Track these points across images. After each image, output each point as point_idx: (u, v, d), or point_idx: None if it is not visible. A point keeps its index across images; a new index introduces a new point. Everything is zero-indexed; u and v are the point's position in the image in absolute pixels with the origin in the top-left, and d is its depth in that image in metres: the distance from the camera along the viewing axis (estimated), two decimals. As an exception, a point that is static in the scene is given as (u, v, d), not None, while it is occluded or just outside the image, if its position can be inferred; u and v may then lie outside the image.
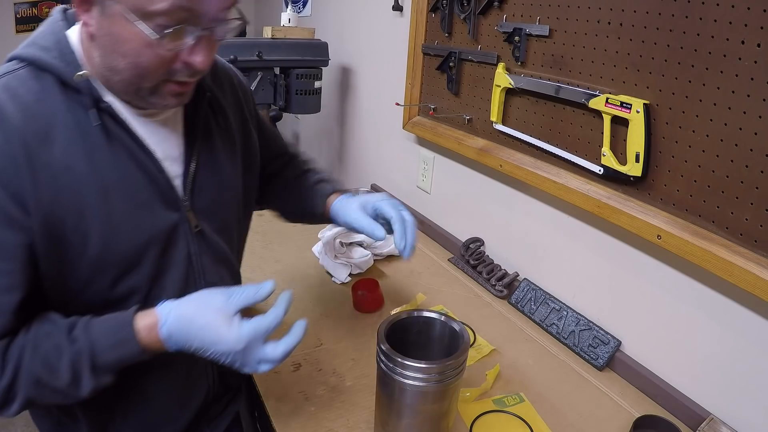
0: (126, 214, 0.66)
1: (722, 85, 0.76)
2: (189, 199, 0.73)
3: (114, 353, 0.63)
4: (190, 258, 0.74)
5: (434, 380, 0.69)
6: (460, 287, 1.27)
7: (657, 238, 0.87)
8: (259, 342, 0.66)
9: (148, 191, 0.68)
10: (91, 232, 0.64)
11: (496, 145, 1.22)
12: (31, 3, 2.64)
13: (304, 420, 0.84)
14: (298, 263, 1.32)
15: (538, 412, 0.88)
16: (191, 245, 0.74)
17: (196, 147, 0.75)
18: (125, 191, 0.66)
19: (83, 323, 0.65)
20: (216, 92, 0.79)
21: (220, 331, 0.64)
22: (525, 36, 1.08)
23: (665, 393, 0.92)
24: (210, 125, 0.78)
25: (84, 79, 0.63)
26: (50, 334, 0.63)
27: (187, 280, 0.75)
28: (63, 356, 0.62)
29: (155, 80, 0.62)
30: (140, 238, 0.68)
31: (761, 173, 0.74)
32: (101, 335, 0.64)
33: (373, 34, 1.76)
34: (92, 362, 0.63)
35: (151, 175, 0.68)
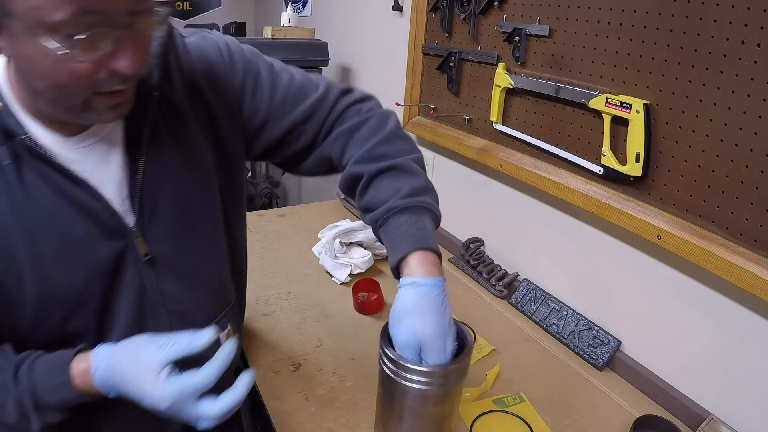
0: (58, 253, 0.61)
1: (722, 85, 0.76)
2: (138, 224, 0.66)
3: (54, 396, 0.61)
4: (143, 287, 0.68)
5: (438, 384, 0.66)
6: (460, 287, 1.27)
7: (657, 238, 0.87)
8: (190, 399, 0.59)
9: (83, 225, 0.62)
10: (24, 275, 0.60)
11: (496, 145, 1.22)
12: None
13: (304, 420, 0.83)
14: (298, 263, 1.32)
15: (538, 412, 0.88)
16: (144, 274, 0.67)
17: (140, 163, 0.65)
18: (54, 230, 0.61)
19: (28, 363, 0.62)
20: (165, 89, 0.67)
21: (143, 386, 0.59)
22: (525, 36, 1.08)
23: (665, 393, 0.92)
24: (159, 131, 0.67)
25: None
26: (1, 371, 0.61)
27: (142, 312, 0.68)
28: (9, 395, 0.60)
29: (82, 96, 0.55)
30: (79, 276, 0.63)
31: (761, 173, 0.74)
32: (42, 377, 0.61)
33: (373, 34, 1.76)
34: (35, 403, 0.61)
35: (86, 207, 0.62)
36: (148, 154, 0.66)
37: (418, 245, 0.67)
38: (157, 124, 0.67)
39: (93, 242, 0.63)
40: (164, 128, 0.68)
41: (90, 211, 0.62)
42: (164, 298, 0.70)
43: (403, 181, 0.72)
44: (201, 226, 0.73)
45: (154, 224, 0.67)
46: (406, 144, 0.78)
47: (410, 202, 0.70)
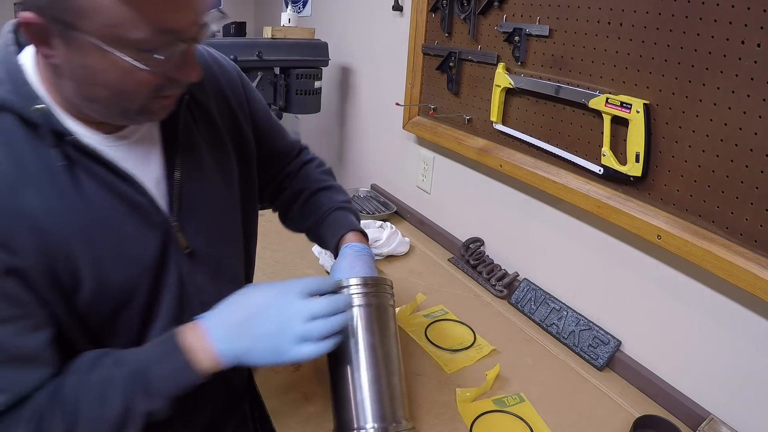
0: (112, 250, 0.63)
1: (722, 85, 0.76)
2: (177, 219, 0.69)
3: (164, 369, 0.61)
4: (182, 280, 0.71)
5: (370, 293, 0.74)
6: (460, 287, 1.27)
7: (657, 238, 0.87)
8: (301, 295, 0.66)
9: (133, 220, 0.64)
10: (81, 274, 0.61)
11: (496, 145, 1.22)
12: (31, 3, 2.64)
13: (304, 420, 0.84)
14: (298, 263, 1.32)
15: (538, 412, 0.88)
16: (182, 266, 0.71)
17: (177, 160, 0.69)
18: (107, 227, 0.62)
19: (126, 351, 0.63)
20: (194, 91, 0.73)
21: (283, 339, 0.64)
22: (525, 36, 1.08)
23: (665, 393, 0.92)
24: (192, 131, 0.72)
25: (41, 113, 0.57)
26: (95, 367, 0.61)
27: (181, 304, 0.71)
28: (111, 386, 0.60)
29: (142, 101, 0.58)
30: (132, 271, 0.65)
31: (761, 173, 0.74)
32: (148, 353, 0.63)
33: (373, 34, 1.76)
34: (144, 385, 0.60)
35: (133, 202, 0.64)
36: (184, 154, 0.70)
37: (352, 227, 0.88)
38: (189, 124, 0.72)
39: (142, 237, 0.66)
40: (195, 128, 0.73)
41: (138, 206, 0.65)
42: (198, 291, 0.73)
43: (336, 195, 0.94)
44: (226, 221, 0.78)
45: (190, 220, 0.71)
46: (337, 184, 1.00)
47: (341, 205, 0.92)
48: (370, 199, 1.75)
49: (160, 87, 0.58)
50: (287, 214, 0.97)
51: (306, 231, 0.96)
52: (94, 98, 0.57)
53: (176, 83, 0.60)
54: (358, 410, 0.71)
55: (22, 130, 0.58)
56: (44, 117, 0.58)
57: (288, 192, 0.95)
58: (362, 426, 0.70)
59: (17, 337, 0.57)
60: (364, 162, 1.96)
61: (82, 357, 0.63)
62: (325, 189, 0.94)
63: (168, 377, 0.62)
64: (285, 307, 0.65)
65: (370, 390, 0.71)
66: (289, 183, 0.96)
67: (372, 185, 1.85)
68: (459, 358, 1.01)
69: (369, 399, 0.71)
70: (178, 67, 0.58)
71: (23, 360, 0.58)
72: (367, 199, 1.75)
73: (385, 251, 1.36)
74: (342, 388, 0.73)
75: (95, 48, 0.52)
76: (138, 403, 0.60)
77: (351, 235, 0.87)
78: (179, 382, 0.62)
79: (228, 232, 0.79)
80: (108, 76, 0.54)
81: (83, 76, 0.55)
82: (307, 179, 0.95)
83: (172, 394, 0.62)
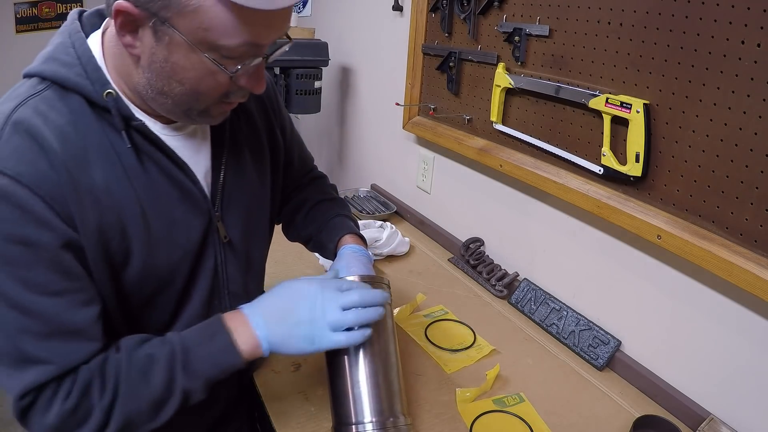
0: (162, 232, 0.66)
1: (722, 85, 0.76)
2: (219, 210, 0.74)
3: (206, 349, 0.64)
4: (216, 268, 0.75)
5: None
6: (460, 287, 1.27)
7: (657, 238, 0.87)
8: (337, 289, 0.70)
9: (183, 206, 0.69)
10: (133, 251, 0.64)
11: (496, 145, 1.22)
12: (31, 3, 2.64)
13: (304, 420, 0.84)
14: (298, 263, 1.32)
15: (538, 412, 0.88)
16: (218, 255, 0.75)
17: (224, 156, 0.74)
18: (160, 209, 0.66)
19: (169, 334, 0.67)
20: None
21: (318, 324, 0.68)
22: (525, 36, 1.08)
23: (665, 393, 0.92)
24: (237, 132, 0.77)
25: (112, 98, 0.61)
26: (139, 347, 0.64)
27: (211, 292, 0.75)
28: (154, 363, 0.62)
29: (209, 103, 0.63)
30: (176, 255, 0.69)
31: (761, 173, 0.74)
32: (193, 334, 0.66)
33: (373, 34, 1.76)
34: (184, 362, 0.63)
35: (186, 189, 0.69)
36: (229, 150, 0.75)
37: (351, 231, 0.90)
38: (235, 123, 0.77)
39: (189, 222, 0.70)
40: (239, 128, 0.78)
41: (189, 193, 0.69)
42: (228, 280, 0.77)
43: (338, 206, 0.98)
44: (258, 217, 0.83)
45: (229, 211, 0.75)
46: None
47: (341, 213, 0.95)
48: (370, 199, 1.75)
49: (228, 93, 0.62)
50: (291, 223, 0.99)
51: (307, 240, 0.97)
52: (167, 92, 0.60)
53: (242, 92, 0.64)
54: (356, 405, 0.71)
55: (90, 111, 0.61)
56: (114, 102, 0.61)
57: (294, 202, 0.99)
58: (360, 420, 0.71)
59: (68, 310, 0.59)
60: (364, 162, 1.96)
61: (128, 338, 0.65)
62: (328, 200, 0.98)
63: (210, 357, 0.64)
64: (321, 296, 0.68)
65: (368, 385, 0.72)
66: (297, 195, 0.99)
67: (372, 185, 1.85)
68: (459, 358, 1.01)
69: (367, 394, 0.72)
70: (250, 77, 0.62)
71: (72, 333, 0.60)
72: (367, 199, 1.75)
73: (385, 251, 1.36)
74: (340, 383, 0.73)
75: (184, 46, 0.55)
76: (178, 380, 0.63)
77: (348, 237, 0.89)
78: (220, 363, 0.65)
79: (259, 228, 0.84)
80: (188, 73, 0.58)
81: (164, 69, 0.58)
82: (314, 191, 0.99)
83: (211, 376, 0.65)
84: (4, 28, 2.62)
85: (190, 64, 0.57)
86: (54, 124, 0.58)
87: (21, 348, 0.57)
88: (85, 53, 0.61)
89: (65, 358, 0.59)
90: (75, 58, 0.61)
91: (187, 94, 0.60)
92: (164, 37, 0.55)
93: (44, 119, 0.58)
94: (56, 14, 2.72)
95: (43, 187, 0.56)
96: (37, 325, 0.57)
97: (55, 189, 0.56)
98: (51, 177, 0.56)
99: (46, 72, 0.61)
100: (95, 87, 0.60)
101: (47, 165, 0.56)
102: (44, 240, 0.56)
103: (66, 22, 0.65)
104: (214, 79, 0.59)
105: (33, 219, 0.55)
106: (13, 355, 0.57)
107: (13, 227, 0.54)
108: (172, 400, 0.63)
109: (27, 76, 0.62)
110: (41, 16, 2.69)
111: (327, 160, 2.23)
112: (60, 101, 0.60)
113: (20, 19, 2.64)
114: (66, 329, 0.59)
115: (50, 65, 0.61)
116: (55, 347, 0.59)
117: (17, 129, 0.56)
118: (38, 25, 2.70)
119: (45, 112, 0.59)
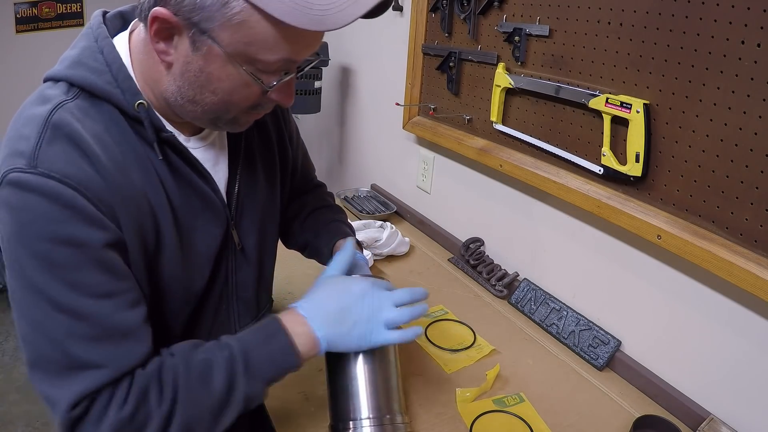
0: (187, 242, 0.68)
1: (722, 85, 0.76)
2: (234, 218, 0.75)
3: (265, 350, 0.64)
4: (227, 275, 0.76)
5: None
6: (460, 287, 1.27)
7: (657, 238, 0.87)
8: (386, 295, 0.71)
9: (204, 215, 0.70)
10: (164, 256, 0.65)
11: (496, 145, 1.22)
12: (31, 3, 2.64)
13: (304, 420, 0.84)
14: (298, 263, 1.32)
15: (538, 412, 0.88)
16: (230, 262, 0.76)
17: (239, 166, 0.75)
18: (187, 217, 0.67)
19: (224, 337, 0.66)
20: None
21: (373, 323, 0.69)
22: (525, 36, 1.08)
23: (665, 393, 0.92)
24: (251, 140, 0.78)
25: (144, 109, 0.60)
26: (195, 351, 0.63)
27: (221, 297, 0.77)
28: (215, 366, 0.61)
29: (238, 113, 0.63)
30: (197, 261, 0.70)
31: (761, 173, 0.74)
32: (250, 336, 0.65)
33: (373, 34, 1.76)
34: (245, 364, 0.62)
35: (208, 198, 0.69)
36: (244, 162, 0.76)
37: (346, 235, 0.91)
38: (249, 135, 0.78)
39: (209, 230, 0.71)
40: (254, 139, 0.79)
41: (211, 202, 0.70)
42: (237, 287, 0.79)
43: (333, 212, 0.99)
44: (269, 226, 0.84)
45: (243, 220, 0.77)
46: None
47: (338, 218, 0.97)
48: (370, 199, 1.74)
49: (257, 105, 0.63)
50: (288, 230, 1.00)
51: (304, 246, 0.98)
52: (198, 101, 0.60)
53: (271, 104, 0.64)
54: (354, 402, 0.72)
55: (122, 120, 0.61)
56: (146, 113, 0.61)
57: (292, 210, 0.99)
58: (358, 417, 0.71)
59: (118, 311, 0.57)
60: (364, 162, 1.96)
61: (180, 343, 0.64)
62: (324, 207, 0.99)
63: (270, 359, 0.63)
64: (376, 295, 0.70)
65: (366, 382, 0.72)
66: (296, 203, 1.00)
67: (372, 185, 1.85)
68: (459, 358, 1.01)
69: (365, 391, 0.72)
70: (281, 91, 0.62)
71: (123, 335, 0.57)
72: (367, 199, 1.74)
73: (385, 251, 1.35)
74: (338, 381, 0.74)
75: (222, 57, 0.56)
76: (240, 384, 0.61)
77: (352, 241, 0.89)
78: (280, 364, 0.64)
79: (271, 235, 0.86)
80: (222, 84, 0.58)
81: (198, 79, 0.58)
82: (312, 199, 1.00)
83: (271, 378, 0.64)
84: (4, 28, 2.62)
85: (225, 75, 0.57)
86: (92, 130, 0.58)
87: (70, 353, 0.54)
88: (115, 60, 0.60)
89: (118, 361, 0.57)
90: (104, 64, 0.60)
91: (217, 104, 0.60)
92: (202, 47, 0.55)
93: (82, 125, 0.57)
94: (56, 14, 2.72)
95: (90, 188, 0.55)
96: (87, 328, 0.55)
97: (102, 191, 0.56)
98: (96, 180, 0.56)
99: (75, 78, 0.59)
100: (126, 96, 0.60)
101: (92, 168, 0.56)
102: (93, 239, 0.54)
103: (90, 23, 0.63)
104: (247, 91, 0.59)
105: (82, 218, 0.54)
106: (61, 362, 0.54)
107: (61, 227, 0.53)
108: (233, 405, 0.61)
109: (52, 80, 0.61)
110: (41, 16, 2.69)
111: (327, 160, 2.23)
112: (92, 109, 0.59)
113: (20, 19, 2.64)
114: (117, 331, 0.57)
115: (78, 71, 0.59)
116: (107, 350, 0.56)
117: (58, 133, 0.55)
118: (38, 25, 2.70)
119: (81, 119, 0.58)
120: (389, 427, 0.71)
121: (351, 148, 2.04)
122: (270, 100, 0.63)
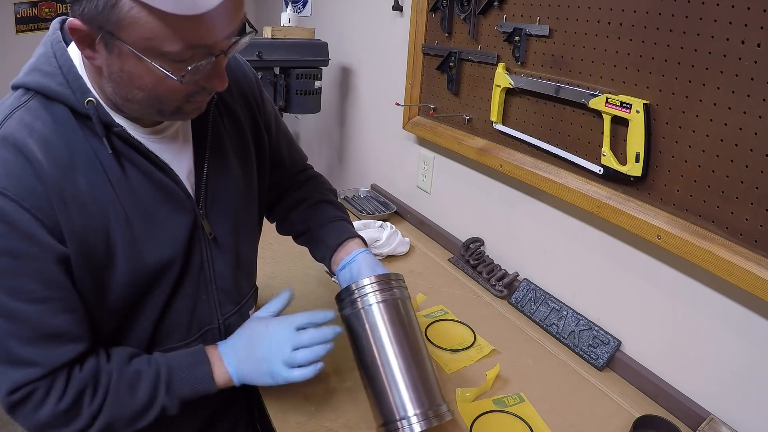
0: (147, 234, 0.68)
1: (722, 85, 0.76)
2: (203, 207, 0.76)
3: (189, 374, 0.72)
4: (202, 264, 0.77)
5: (385, 289, 0.78)
6: (460, 287, 1.27)
7: (657, 238, 0.87)
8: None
9: (166, 207, 0.70)
10: (117, 253, 0.66)
11: (496, 145, 1.22)
12: (31, 3, 2.64)
13: (304, 420, 0.84)
14: (298, 263, 1.32)
15: (538, 412, 0.88)
16: (204, 251, 0.77)
17: (206, 155, 0.76)
18: (144, 212, 0.68)
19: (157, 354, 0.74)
20: (223, 94, 0.79)
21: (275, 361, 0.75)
22: (525, 36, 1.08)
23: (665, 393, 0.92)
24: (219, 129, 0.78)
25: (93, 106, 0.62)
26: (130, 362, 0.70)
27: (198, 288, 0.78)
28: (142, 378, 0.69)
29: (176, 104, 0.63)
30: (164, 254, 0.70)
31: (761, 173, 0.74)
32: (178, 357, 0.73)
33: (373, 34, 1.76)
34: (168, 384, 0.70)
35: (168, 189, 0.70)
36: (212, 151, 0.76)
37: (356, 236, 0.92)
38: (218, 123, 0.78)
39: (174, 221, 0.72)
40: (223, 128, 0.79)
41: (171, 193, 0.71)
42: (215, 276, 0.79)
43: (340, 211, 0.98)
44: (245, 215, 0.85)
45: (214, 209, 0.77)
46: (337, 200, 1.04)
47: (344, 217, 0.96)
48: (370, 199, 1.74)
49: (191, 93, 0.63)
50: (284, 219, 1.00)
51: (301, 233, 0.97)
52: (131, 99, 0.62)
53: (206, 91, 0.64)
54: (397, 401, 0.74)
55: (73, 119, 0.63)
56: (95, 109, 0.62)
57: (289, 200, 0.98)
58: (404, 416, 0.73)
59: (52, 316, 0.62)
60: (364, 162, 1.96)
61: (119, 349, 0.71)
62: (329, 202, 0.98)
63: (190, 382, 0.72)
64: (276, 337, 0.75)
65: (405, 380, 0.74)
66: (291, 193, 0.99)
67: (372, 185, 1.85)
68: (459, 358, 1.01)
69: (405, 389, 0.74)
70: (208, 77, 0.62)
71: (56, 337, 0.63)
72: (367, 199, 1.75)
73: (385, 251, 1.36)
74: (378, 383, 0.75)
75: (133, 56, 0.56)
76: (160, 397, 0.70)
77: (355, 242, 0.90)
78: (197, 389, 0.72)
79: (247, 225, 0.86)
80: (143, 81, 0.59)
81: (122, 78, 0.60)
82: (312, 190, 0.99)
83: (186, 397, 0.72)
84: (4, 28, 2.62)
85: (143, 71, 0.58)
86: (39, 134, 0.60)
87: (9, 350, 0.62)
88: (66, 62, 0.63)
89: (50, 359, 0.63)
90: (57, 67, 0.63)
91: (148, 99, 0.61)
92: (114, 48, 0.57)
93: (29, 130, 0.60)
94: (56, 14, 2.72)
95: (28, 199, 0.58)
96: (22, 330, 0.61)
97: (41, 200, 0.59)
98: (36, 189, 0.59)
99: (30, 83, 0.63)
100: (76, 95, 0.62)
101: (33, 177, 0.59)
102: (30, 253, 0.59)
103: (48, 32, 0.66)
104: (169, 84, 0.59)
105: (20, 233, 0.58)
106: (2, 356, 0.62)
107: (1, 240, 0.58)
108: (151, 412, 0.70)
109: (14, 88, 0.65)
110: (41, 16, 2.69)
111: (327, 160, 2.23)
112: (44, 111, 0.62)
113: (20, 19, 2.64)
114: (49, 333, 0.63)
115: (33, 76, 0.63)
116: (39, 350, 0.63)
117: (4, 143, 0.59)
118: (38, 25, 2.70)
119: (30, 122, 0.61)
120: (434, 419, 0.73)
121: (351, 148, 2.04)
122: (202, 88, 0.63)
